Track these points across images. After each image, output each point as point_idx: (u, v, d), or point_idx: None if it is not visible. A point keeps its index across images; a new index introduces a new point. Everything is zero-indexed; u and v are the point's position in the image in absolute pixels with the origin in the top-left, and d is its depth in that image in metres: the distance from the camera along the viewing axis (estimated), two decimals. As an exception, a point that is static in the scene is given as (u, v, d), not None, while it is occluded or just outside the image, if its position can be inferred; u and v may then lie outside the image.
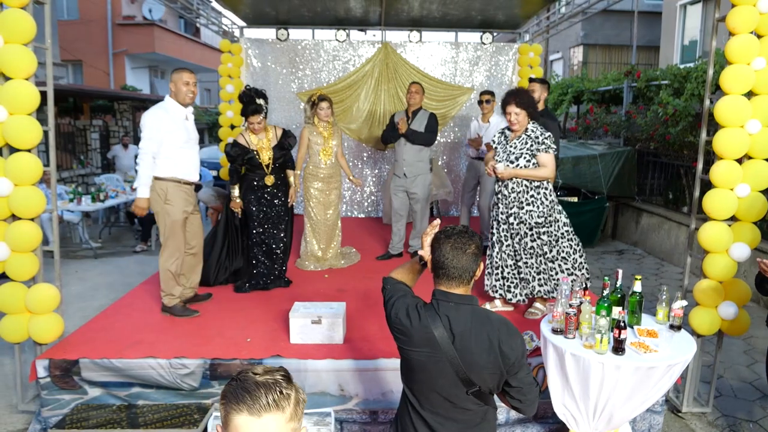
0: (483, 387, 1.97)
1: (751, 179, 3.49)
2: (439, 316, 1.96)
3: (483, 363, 1.93)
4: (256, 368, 1.32)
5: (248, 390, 1.25)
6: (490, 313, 2.04)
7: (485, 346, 1.93)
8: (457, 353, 1.92)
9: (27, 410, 3.86)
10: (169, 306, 4.27)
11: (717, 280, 3.64)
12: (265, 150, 4.76)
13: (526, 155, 4.02)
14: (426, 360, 1.97)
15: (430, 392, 2.01)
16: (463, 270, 1.97)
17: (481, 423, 2.05)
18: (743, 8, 3.38)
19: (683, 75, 8.58)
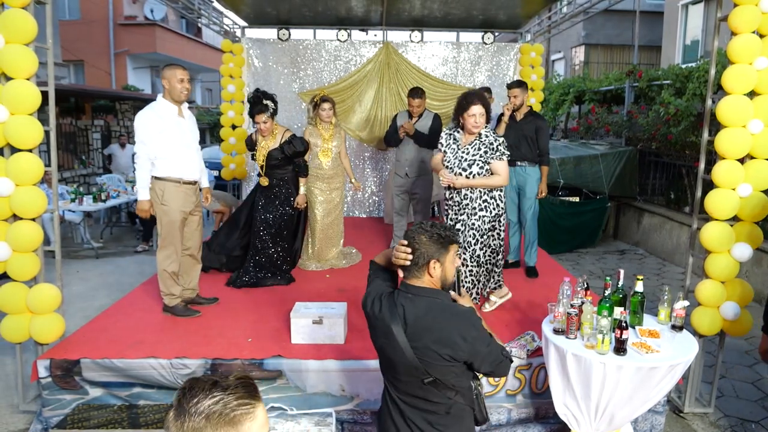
0: (440, 378, 1.98)
1: (753, 179, 3.48)
2: (397, 305, 2.02)
3: (435, 354, 1.95)
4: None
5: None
6: (447, 306, 2.05)
7: (437, 336, 1.95)
8: (408, 342, 1.96)
9: (28, 410, 3.86)
10: (170, 306, 4.27)
11: (719, 280, 3.64)
12: (263, 151, 4.81)
13: (479, 162, 3.90)
14: (387, 348, 2.04)
15: (398, 381, 2.08)
16: (422, 260, 2.03)
17: (446, 416, 2.05)
18: (745, 8, 3.38)
19: (685, 75, 8.56)
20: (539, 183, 5.32)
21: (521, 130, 5.22)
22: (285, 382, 3.55)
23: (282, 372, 3.53)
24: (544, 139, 5.26)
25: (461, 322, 1.99)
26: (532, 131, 5.21)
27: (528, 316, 4.27)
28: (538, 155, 5.27)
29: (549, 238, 7.73)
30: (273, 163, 4.85)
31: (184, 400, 1.15)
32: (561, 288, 3.13)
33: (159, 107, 4.03)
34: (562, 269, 5.73)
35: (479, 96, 3.90)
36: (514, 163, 5.24)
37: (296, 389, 3.55)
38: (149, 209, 4.06)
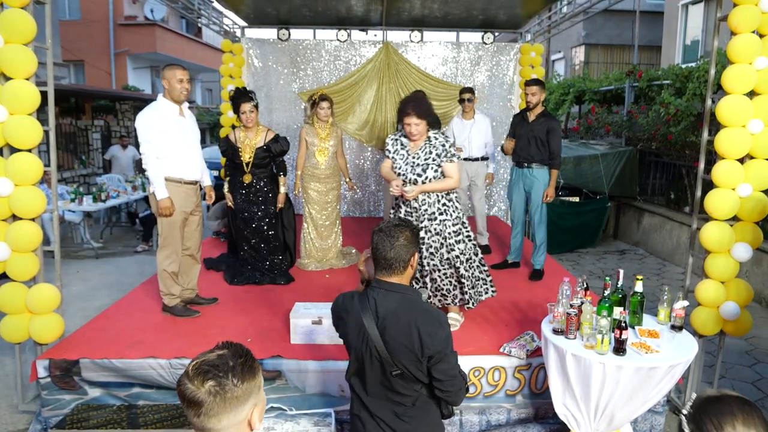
0: (407, 370, 2.05)
1: (752, 179, 3.48)
2: (368, 299, 2.10)
3: (403, 347, 2.02)
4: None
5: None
6: (418, 302, 2.11)
7: (406, 331, 2.02)
8: (379, 335, 2.03)
9: (27, 410, 3.85)
10: (169, 306, 4.27)
11: (719, 280, 3.63)
12: (248, 149, 4.82)
13: (432, 166, 3.74)
14: (357, 342, 2.11)
15: (366, 376, 2.14)
16: (393, 260, 2.08)
17: (412, 408, 2.12)
18: (745, 8, 3.37)
19: (685, 75, 8.57)
20: (546, 186, 5.16)
21: (532, 130, 5.09)
22: (284, 382, 3.54)
23: (281, 372, 3.53)
24: (556, 141, 5.07)
25: (430, 318, 2.05)
26: (543, 132, 5.05)
27: (527, 316, 4.27)
28: (549, 158, 5.12)
29: (549, 238, 7.62)
30: (258, 161, 4.85)
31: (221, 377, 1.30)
32: (560, 288, 3.13)
33: (160, 107, 4.04)
34: (562, 269, 5.72)
35: (414, 104, 3.61)
36: (522, 164, 5.18)
37: (296, 389, 3.55)
38: (171, 206, 4.01)
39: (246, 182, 4.89)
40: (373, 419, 2.15)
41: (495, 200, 8.29)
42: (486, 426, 3.60)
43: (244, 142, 4.84)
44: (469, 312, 4.36)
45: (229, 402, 1.30)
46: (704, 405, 1.33)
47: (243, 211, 4.94)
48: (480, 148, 6.08)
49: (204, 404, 1.28)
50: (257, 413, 1.37)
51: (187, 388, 1.29)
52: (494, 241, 6.62)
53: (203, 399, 1.28)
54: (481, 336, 3.91)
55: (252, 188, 4.91)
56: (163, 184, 3.99)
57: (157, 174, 3.97)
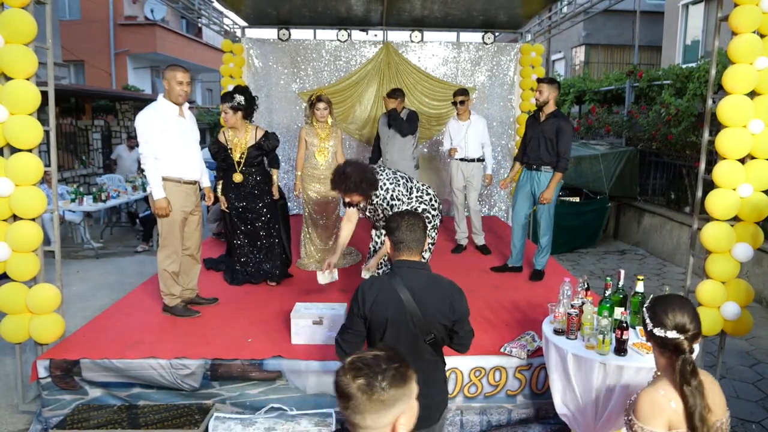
0: (437, 336, 2.38)
1: (753, 179, 3.48)
2: (402, 278, 2.38)
3: (437, 315, 2.36)
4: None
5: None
6: (441, 277, 2.48)
7: (438, 301, 2.37)
8: (417, 307, 2.33)
9: (28, 410, 3.85)
10: (170, 306, 4.27)
11: (719, 280, 3.63)
12: (239, 148, 4.80)
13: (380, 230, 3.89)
14: (393, 317, 2.34)
15: (400, 347, 2.23)
16: (416, 242, 2.44)
17: (434, 372, 2.45)
18: (746, 8, 3.37)
19: (685, 75, 8.56)
20: (555, 191, 5.04)
21: (542, 131, 4.95)
22: (285, 382, 3.54)
23: (282, 372, 3.53)
24: (564, 143, 4.87)
25: (456, 290, 2.44)
26: (552, 133, 4.89)
27: (528, 317, 4.27)
28: (556, 159, 4.96)
29: (549, 238, 7.72)
30: (250, 160, 4.83)
31: (371, 378, 1.34)
32: (561, 288, 3.13)
33: (160, 107, 4.04)
34: (562, 269, 5.72)
35: (337, 185, 3.61)
36: (532, 167, 5.08)
37: (296, 390, 3.55)
38: (168, 206, 4.02)
39: (237, 181, 4.85)
40: None
41: (495, 200, 8.29)
42: (487, 426, 3.60)
43: (233, 142, 4.81)
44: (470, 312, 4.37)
45: (374, 403, 1.33)
46: (656, 301, 1.98)
47: (236, 210, 4.93)
48: (476, 148, 6.08)
49: (352, 399, 1.33)
50: (404, 421, 1.37)
51: (341, 380, 1.36)
52: (494, 241, 6.62)
53: (353, 394, 1.33)
54: (481, 336, 3.90)
55: (244, 187, 4.88)
56: (160, 184, 3.99)
57: (155, 174, 3.97)
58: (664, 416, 1.84)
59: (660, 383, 1.92)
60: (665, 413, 1.84)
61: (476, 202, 6.20)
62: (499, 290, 4.96)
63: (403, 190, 3.77)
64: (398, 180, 3.81)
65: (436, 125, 7.92)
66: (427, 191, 3.99)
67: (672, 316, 1.90)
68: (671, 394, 1.86)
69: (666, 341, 1.90)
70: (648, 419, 1.85)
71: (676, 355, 1.88)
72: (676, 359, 1.87)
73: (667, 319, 1.90)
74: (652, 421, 1.85)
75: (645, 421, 1.85)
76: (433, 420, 2.42)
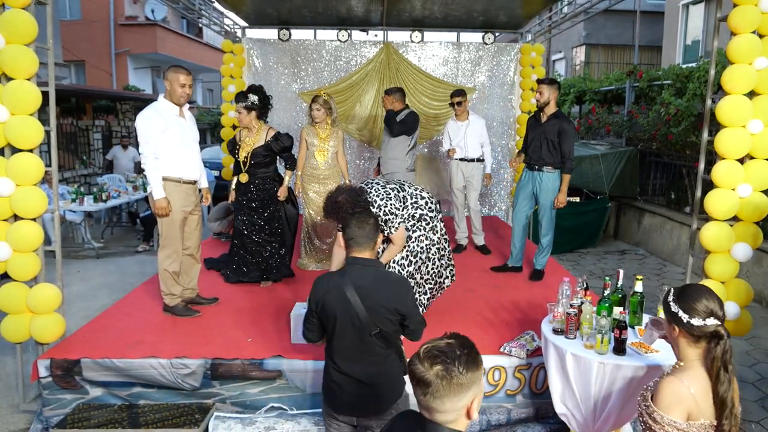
0: (383, 329, 2.45)
1: (752, 179, 3.49)
2: (350, 275, 2.48)
3: (382, 311, 2.44)
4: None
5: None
6: (389, 273, 2.57)
7: (383, 297, 2.44)
8: (362, 302, 2.42)
9: (28, 410, 3.86)
10: (170, 306, 4.28)
11: (719, 280, 3.63)
12: (247, 148, 4.82)
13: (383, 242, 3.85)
14: (340, 312, 2.44)
15: (342, 341, 2.49)
16: (365, 238, 2.52)
17: (383, 365, 2.52)
18: (745, 8, 3.38)
19: (685, 75, 8.57)
20: (556, 192, 5.03)
21: (544, 132, 4.96)
22: (285, 382, 3.55)
23: (282, 372, 3.54)
24: (568, 144, 4.87)
25: (402, 285, 2.54)
26: (554, 134, 4.90)
27: (527, 316, 4.27)
28: (561, 161, 4.97)
29: (549, 238, 7.73)
30: (257, 161, 4.83)
31: (448, 363, 1.45)
32: (560, 288, 3.13)
33: (161, 107, 4.05)
34: (562, 269, 5.72)
35: (330, 214, 3.36)
36: (534, 167, 5.08)
37: (296, 389, 3.55)
38: (168, 206, 4.02)
39: (243, 182, 4.87)
40: (352, 381, 2.49)
41: (495, 200, 8.29)
42: (486, 426, 3.60)
43: (244, 141, 4.85)
44: (470, 312, 4.40)
45: (453, 387, 1.43)
46: (681, 293, 1.94)
47: (242, 210, 4.94)
48: (475, 148, 6.08)
49: (432, 385, 1.43)
50: (476, 403, 1.50)
51: (417, 369, 1.46)
52: (495, 241, 6.62)
53: (431, 380, 1.43)
54: (481, 335, 3.91)
55: (250, 188, 4.89)
56: (160, 184, 3.99)
57: (155, 174, 3.98)
58: (684, 406, 1.85)
59: (683, 374, 1.91)
60: (686, 404, 1.85)
61: (476, 202, 6.21)
62: (499, 290, 4.96)
63: (395, 202, 3.72)
64: (389, 193, 3.75)
65: (436, 125, 7.93)
66: (421, 195, 3.96)
67: (705, 304, 1.89)
68: (694, 384, 1.86)
69: (704, 330, 1.88)
70: (669, 408, 1.86)
71: (715, 342, 1.87)
72: (715, 346, 1.86)
73: (701, 308, 1.89)
74: (673, 410, 1.86)
75: (666, 410, 1.86)
76: (381, 410, 2.50)
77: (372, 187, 3.76)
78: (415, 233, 3.88)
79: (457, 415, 1.47)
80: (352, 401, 2.51)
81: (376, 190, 3.73)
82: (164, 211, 4.02)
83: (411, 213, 3.86)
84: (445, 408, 1.45)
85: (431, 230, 3.96)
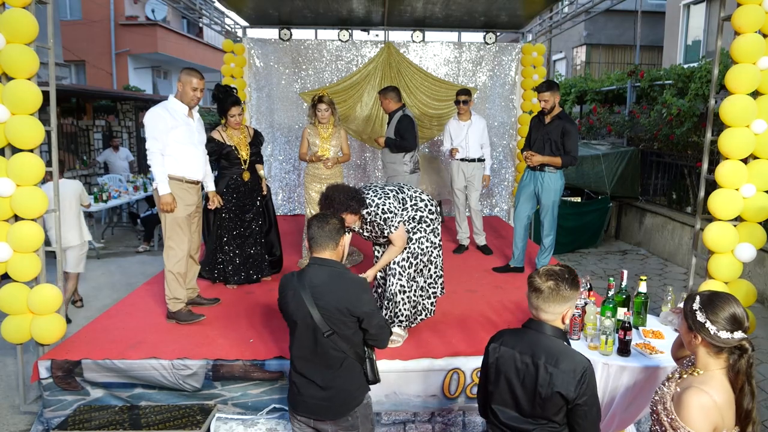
0: (339, 332, 2.43)
1: (756, 179, 3.47)
2: (308, 274, 2.49)
3: (335, 311, 2.41)
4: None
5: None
6: (346, 273, 2.54)
7: (336, 297, 2.43)
8: (314, 302, 2.42)
9: (29, 411, 3.85)
10: (174, 312, 4.19)
11: (722, 280, 3.62)
12: (243, 146, 4.84)
13: (380, 241, 3.84)
14: (295, 311, 2.47)
15: (299, 342, 2.51)
16: (325, 238, 2.53)
17: (339, 369, 2.48)
18: (749, 7, 3.37)
19: (687, 75, 8.55)
20: (558, 192, 5.05)
21: (547, 133, 4.96)
22: (286, 383, 3.53)
23: (283, 373, 3.52)
24: (571, 144, 4.89)
25: (355, 286, 2.50)
26: (557, 135, 4.90)
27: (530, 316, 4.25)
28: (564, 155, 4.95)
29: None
30: (252, 158, 4.88)
31: (558, 281, 2.01)
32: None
33: (170, 106, 4.05)
34: (564, 270, 5.70)
35: (328, 207, 3.29)
36: (536, 167, 5.07)
37: (298, 390, 3.54)
38: (173, 201, 4.00)
39: (246, 179, 4.89)
40: (308, 382, 2.50)
41: (496, 200, 8.28)
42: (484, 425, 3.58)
43: (237, 141, 4.85)
44: (472, 312, 4.39)
45: (558, 297, 1.99)
46: (708, 302, 1.88)
47: (238, 208, 4.91)
48: (477, 149, 6.08)
49: (544, 293, 2.00)
50: (569, 313, 2.07)
51: (536, 281, 2.03)
52: (496, 241, 6.61)
53: (544, 290, 1.99)
54: (483, 336, 3.90)
55: (248, 185, 4.93)
56: (166, 180, 3.97)
57: (161, 170, 3.96)
58: (710, 419, 1.79)
59: (707, 384, 1.83)
60: (712, 416, 1.79)
61: (477, 202, 6.19)
62: (501, 290, 4.95)
63: (393, 202, 3.70)
64: (387, 194, 3.73)
65: (437, 125, 7.91)
66: (421, 197, 3.94)
67: (733, 317, 1.82)
68: (718, 395, 1.81)
69: (729, 343, 1.82)
70: (696, 421, 1.79)
71: (738, 354, 1.83)
72: (740, 358, 1.82)
73: (729, 320, 1.82)
74: (700, 423, 1.79)
75: (692, 424, 1.79)
76: (336, 414, 2.49)
77: (370, 189, 3.76)
78: (416, 235, 3.86)
79: (555, 317, 2.04)
80: (307, 403, 2.52)
81: (374, 191, 3.73)
82: (169, 206, 3.99)
83: (411, 215, 3.84)
84: (549, 310, 2.02)
85: (432, 232, 3.94)
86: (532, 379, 1.99)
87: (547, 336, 2.03)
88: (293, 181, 8.22)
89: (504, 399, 2.09)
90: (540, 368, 1.97)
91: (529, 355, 2.01)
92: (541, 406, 1.99)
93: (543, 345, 2.01)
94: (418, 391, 3.55)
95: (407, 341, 3.82)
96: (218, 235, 4.95)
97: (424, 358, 3.58)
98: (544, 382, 1.96)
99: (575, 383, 1.93)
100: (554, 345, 2.01)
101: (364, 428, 2.55)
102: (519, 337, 2.09)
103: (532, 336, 2.05)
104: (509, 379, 2.06)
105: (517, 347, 2.06)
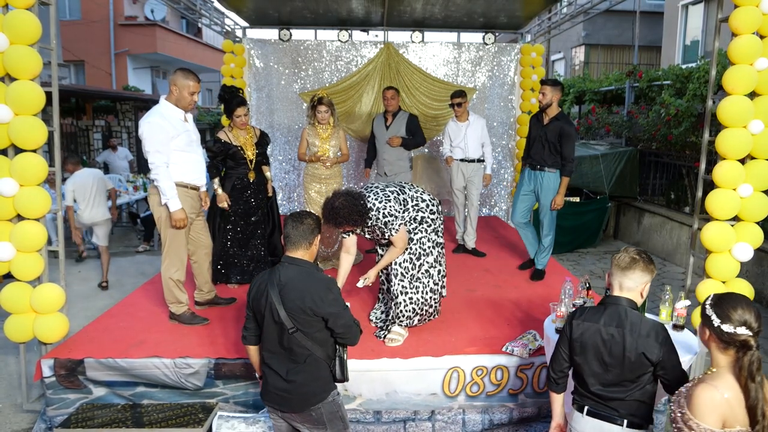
0: (303, 329, 2.51)
1: (753, 179, 3.50)
2: (277, 272, 2.56)
3: (298, 309, 2.48)
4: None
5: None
6: (314, 273, 2.59)
7: (300, 295, 2.49)
8: (281, 299, 2.49)
9: (32, 409, 3.88)
10: (177, 314, 4.17)
11: (720, 280, 3.65)
12: (250, 146, 4.85)
13: (382, 243, 3.88)
14: (263, 306, 2.55)
15: (267, 335, 2.59)
16: (299, 237, 2.58)
17: (303, 365, 2.56)
18: (746, 9, 3.40)
19: (685, 75, 8.59)
20: (557, 192, 5.04)
21: (545, 133, 4.97)
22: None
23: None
24: (568, 146, 4.88)
25: (320, 285, 2.54)
26: (555, 136, 4.91)
27: (530, 316, 4.29)
28: (561, 163, 4.98)
29: (550, 238, 7.75)
30: (258, 159, 4.91)
31: (642, 260, 2.33)
32: (563, 288, 3.15)
33: (166, 112, 3.84)
34: (563, 269, 5.74)
35: (328, 221, 3.36)
36: (535, 167, 5.10)
37: (299, 388, 3.56)
38: (185, 217, 3.87)
39: (252, 180, 4.91)
40: (273, 373, 2.59)
41: (496, 200, 8.31)
42: (489, 425, 3.62)
43: (243, 141, 4.86)
44: (472, 312, 4.41)
45: (640, 270, 2.29)
46: (720, 299, 2.00)
47: (244, 208, 4.93)
48: (476, 149, 6.07)
49: (630, 264, 2.29)
50: (646, 289, 2.34)
51: (624, 256, 2.32)
52: (496, 241, 6.64)
53: (629, 263, 2.30)
54: (483, 335, 3.93)
55: (254, 185, 4.95)
56: (176, 195, 3.81)
57: (170, 184, 3.78)
58: (719, 413, 1.87)
59: (716, 380, 1.92)
60: (721, 410, 1.87)
61: (476, 203, 6.21)
62: (500, 290, 4.98)
63: (394, 204, 3.68)
64: (388, 196, 3.70)
65: (436, 126, 7.93)
66: (422, 197, 3.94)
67: (740, 313, 1.92)
68: (727, 390, 1.89)
69: (734, 337, 1.91)
70: (705, 415, 1.87)
71: (743, 351, 1.91)
72: (743, 355, 1.90)
73: (735, 316, 1.92)
74: (709, 417, 1.87)
75: (702, 418, 1.88)
76: (296, 407, 2.57)
77: (371, 191, 3.73)
78: (417, 235, 3.88)
79: (636, 289, 2.31)
80: (271, 393, 2.62)
81: (375, 193, 3.70)
82: (183, 222, 3.85)
83: (412, 215, 3.85)
84: (630, 280, 2.29)
85: (434, 232, 3.95)
86: (620, 347, 2.26)
87: (625, 308, 2.30)
88: (293, 181, 8.23)
89: (593, 370, 2.34)
90: (626, 336, 2.25)
91: (614, 326, 2.28)
92: (630, 369, 2.25)
93: (625, 316, 2.28)
94: (418, 389, 3.58)
95: (407, 340, 3.85)
96: (223, 234, 4.98)
97: (424, 356, 3.61)
98: (631, 347, 2.23)
99: (657, 345, 2.22)
100: (633, 315, 2.28)
101: (333, 427, 2.63)
102: (600, 312, 2.34)
103: (613, 309, 2.31)
104: (597, 350, 2.31)
105: (601, 321, 2.31)
